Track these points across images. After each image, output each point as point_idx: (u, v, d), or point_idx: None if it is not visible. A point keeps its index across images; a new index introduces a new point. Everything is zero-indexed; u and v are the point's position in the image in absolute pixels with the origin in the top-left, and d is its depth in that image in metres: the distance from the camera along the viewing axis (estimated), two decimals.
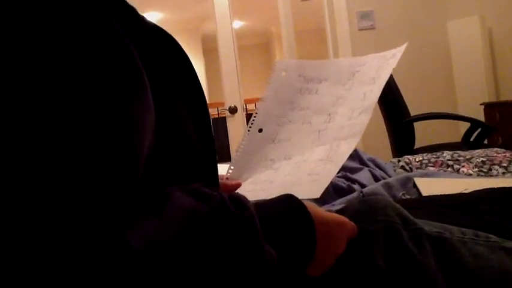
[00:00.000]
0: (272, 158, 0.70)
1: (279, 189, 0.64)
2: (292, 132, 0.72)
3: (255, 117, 0.75)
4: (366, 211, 0.51)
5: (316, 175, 0.61)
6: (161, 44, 0.49)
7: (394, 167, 1.44)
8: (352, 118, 0.67)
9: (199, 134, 0.49)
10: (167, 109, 0.44)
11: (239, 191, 0.67)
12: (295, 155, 0.69)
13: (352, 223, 0.51)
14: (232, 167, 0.71)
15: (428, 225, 0.51)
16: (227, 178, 0.70)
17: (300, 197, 0.49)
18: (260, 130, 0.73)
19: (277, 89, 0.77)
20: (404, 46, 0.75)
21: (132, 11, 0.47)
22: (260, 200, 0.48)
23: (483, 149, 1.53)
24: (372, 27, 3.48)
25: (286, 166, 0.68)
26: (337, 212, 0.55)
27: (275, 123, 0.74)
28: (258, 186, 0.67)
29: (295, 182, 0.63)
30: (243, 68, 3.53)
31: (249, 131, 0.73)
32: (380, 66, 0.74)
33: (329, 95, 0.74)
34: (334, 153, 0.63)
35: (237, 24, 6.40)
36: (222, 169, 0.78)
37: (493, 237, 0.53)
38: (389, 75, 0.71)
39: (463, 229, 0.53)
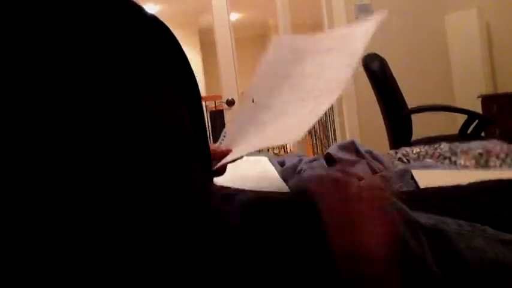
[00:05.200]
0: (265, 121, 0.72)
1: (266, 136, 0.65)
2: (284, 97, 0.74)
3: (247, 89, 0.77)
4: None
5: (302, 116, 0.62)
6: (159, 37, 0.49)
7: (391, 159, 1.44)
8: (338, 72, 0.69)
9: (193, 122, 0.49)
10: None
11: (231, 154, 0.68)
12: (286, 115, 0.70)
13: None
14: (224, 135, 0.73)
15: (425, 218, 0.51)
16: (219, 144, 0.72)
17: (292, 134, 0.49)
18: (253, 100, 0.75)
19: (271, 62, 0.79)
20: (384, 13, 0.76)
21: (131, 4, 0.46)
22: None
23: (480, 141, 1.53)
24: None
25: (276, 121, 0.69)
26: None
27: (267, 94, 0.75)
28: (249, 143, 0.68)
29: (279, 127, 0.64)
30: (240, 61, 3.53)
31: (241, 103, 0.76)
32: (366, 30, 0.75)
33: (318, 61, 0.76)
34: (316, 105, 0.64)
35: (234, 16, 6.37)
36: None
37: (490, 230, 0.53)
38: (371, 33, 0.71)
39: (460, 221, 0.53)
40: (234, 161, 0.68)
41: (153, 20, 0.48)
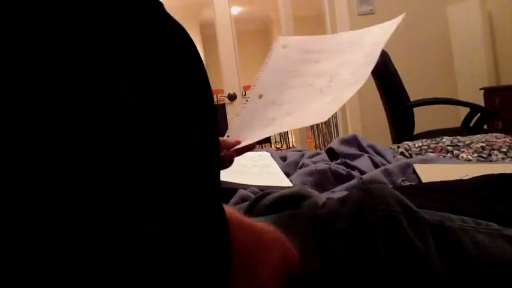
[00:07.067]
0: (273, 117, 0.70)
1: (285, 122, 0.64)
2: (293, 95, 0.72)
3: (254, 85, 0.75)
4: (366, 200, 0.51)
5: (324, 103, 0.61)
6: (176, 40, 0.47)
7: (393, 153, 1.44)
8: (354, 73, 0.68)
9: (203, 137, 0.46)
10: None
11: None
12: (297, 111, 0.68)
13: (289, 247, 0.47)
14: (231, 129, 0.72)
15: (429, 214, 0.51)
16: (227, 137, 0.70)
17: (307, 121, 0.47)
18: (260, 96, 0.74)
19: (277, 60, 0.78)
20: (402, 16, 0.76)
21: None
22: None
23: (483, 135, 1.52)
24: (371, 12, 3.46)
25: (287, 117, 0.67)
26: (338, 200, 0.55)
27: (275, 89, 0.74)
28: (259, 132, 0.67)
29: (300, 113, 0.63)
30: (242, 55, 3.52)
31: (248, 98, 0.74)
32: (380, 34, 0.74)
33: (331, 62, 0.74)
34: (338, 95, 0.63)
35: (236, 10, 6.34)
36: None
37: (494, 225, 0.53)
38: (388, 37, 0.71)
39: (464, 217, 0.53)
40: (242, 149, 0.66)
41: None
